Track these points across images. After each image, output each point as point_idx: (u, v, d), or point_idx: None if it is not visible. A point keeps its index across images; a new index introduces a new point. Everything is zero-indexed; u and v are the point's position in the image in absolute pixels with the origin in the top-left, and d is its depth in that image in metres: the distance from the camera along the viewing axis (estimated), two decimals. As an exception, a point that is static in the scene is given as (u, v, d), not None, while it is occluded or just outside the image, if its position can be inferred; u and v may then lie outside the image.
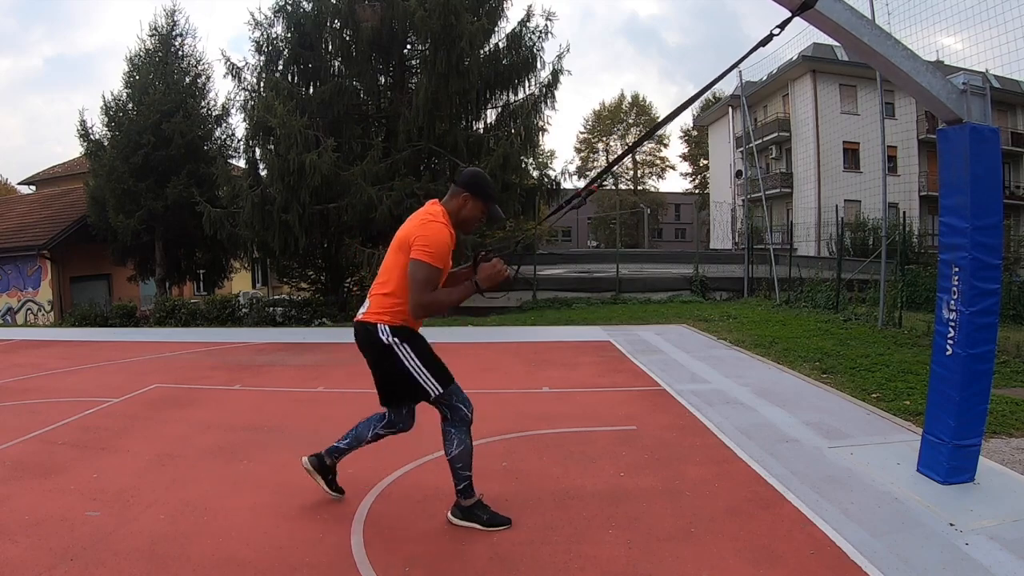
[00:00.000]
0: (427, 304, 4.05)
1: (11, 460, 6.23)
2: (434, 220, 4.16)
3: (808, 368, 9.59)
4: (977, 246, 4.70)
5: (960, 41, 12.73)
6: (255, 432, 7.08)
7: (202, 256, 24.50)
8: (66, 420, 7.69)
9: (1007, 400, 7.36)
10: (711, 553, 4.09)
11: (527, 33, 19.61)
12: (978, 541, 4.12)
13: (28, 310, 25.97)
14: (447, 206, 4.28)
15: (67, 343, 15.43)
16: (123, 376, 10.61)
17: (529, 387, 9.01)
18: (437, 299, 4.09)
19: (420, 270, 4.02)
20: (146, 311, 21.71)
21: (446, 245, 4.12)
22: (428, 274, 4.03)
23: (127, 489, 5.37)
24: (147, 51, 22.81)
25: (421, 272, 4.02)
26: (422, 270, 4.02)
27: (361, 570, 3.98)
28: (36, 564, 4.07)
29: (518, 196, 19.99)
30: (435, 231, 4.10)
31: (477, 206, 4.28)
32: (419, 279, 4.02)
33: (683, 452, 5.99)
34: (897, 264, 14.91)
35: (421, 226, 4.13)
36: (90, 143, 22.77)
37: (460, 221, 4.29)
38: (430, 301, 4.05)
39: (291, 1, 19.38)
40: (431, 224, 4.13)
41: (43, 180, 34.95)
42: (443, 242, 4.10)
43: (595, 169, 66.40)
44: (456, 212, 4.27)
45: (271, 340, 14.68)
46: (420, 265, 4.02)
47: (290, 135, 16.99)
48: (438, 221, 4.16)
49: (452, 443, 4.42)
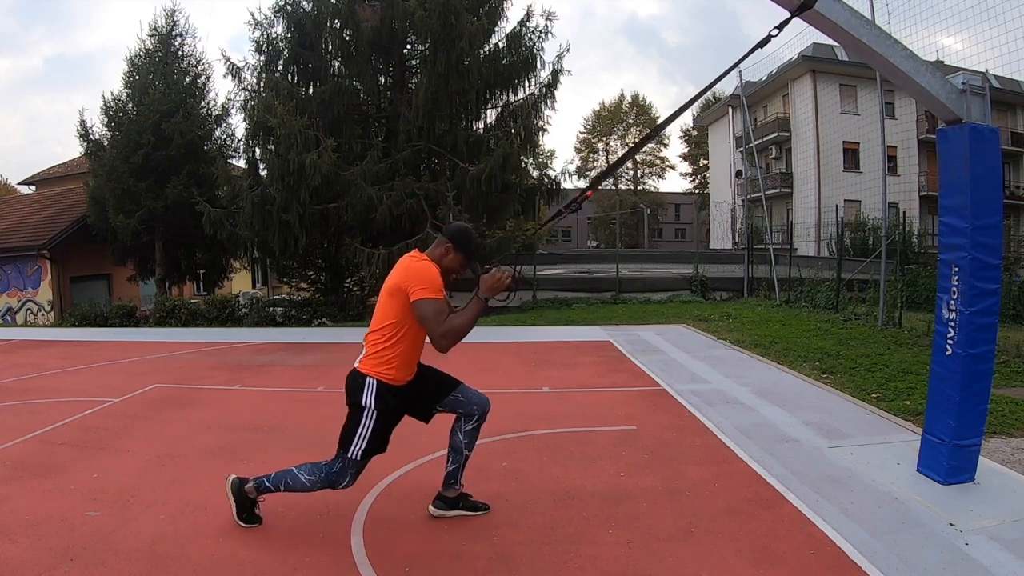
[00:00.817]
0: (447, 332, 4.08)
1: (11, 460, 6.25)
2: (419, 260, 4.30)
3: (808, 368, 9.60)
4: (977, 246, 4.71)
5: (960, 41, 12.76)
6: (255, 432, 7.11)
7: (202, 256, 24.49)
8: (66, 420, 7.70)
9: (1007, 400, 7.37)
10: (711, 553, 4.10)
11: (527, 33, 19.64)
12: (978, 541, 4.13)
13: (28, 310, 25.97)
14: (431, 255, 4.38)
15: (67, 343, 15.44)
16: (123, 376, 10.62)
17: (529, 387, 9.02)
18: (453, 325, 4.10)
19: (428, 306, 4.11)
20: (146, 311, 21.73)
21: (438, 278, 4.20)
22: (436, 307, 4.11)
23: (127, 489, 5.38)
24: (147, 51, 22.82)
25: (429, 308, 4.10)
26: (429, 306, 4.10)
27: (361, 570, 3.99)
28: (36, 564, 4.08)
29: (518, 196, 20.07)
30: (423, 268, 4.22)
31: (458, 258, 4.36)
32: (429, 315, 4.10)
33: (683, 452, 6.00)
34: (897, 264, 14.92)
35: (407, 270, 4.24)
36: (90, 143, 22.78)
37: (442, 269, 4.36)
38: (447, 329, 4.08)
39: (291, 1, 19.43)
40: (417, 263, 4.27)
41: (43, 180, 34.95)
42: (434, 276, 4.20)
43: (595, 169, 66.45)
44: (439, 260, 4.35)
45: (271, 340, 14.69)
46: (425, 302, 4.11)
47: (290, 135, 17.01)
48: (423, 260, 4.30)
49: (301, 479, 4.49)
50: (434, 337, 4.10)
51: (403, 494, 5.24)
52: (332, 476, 4.39)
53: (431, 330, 4.10)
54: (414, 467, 5.79)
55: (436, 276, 4.19)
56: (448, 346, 4.10)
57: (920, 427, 5.83)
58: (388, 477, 5.53)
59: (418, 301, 4.10)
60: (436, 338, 4.09)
